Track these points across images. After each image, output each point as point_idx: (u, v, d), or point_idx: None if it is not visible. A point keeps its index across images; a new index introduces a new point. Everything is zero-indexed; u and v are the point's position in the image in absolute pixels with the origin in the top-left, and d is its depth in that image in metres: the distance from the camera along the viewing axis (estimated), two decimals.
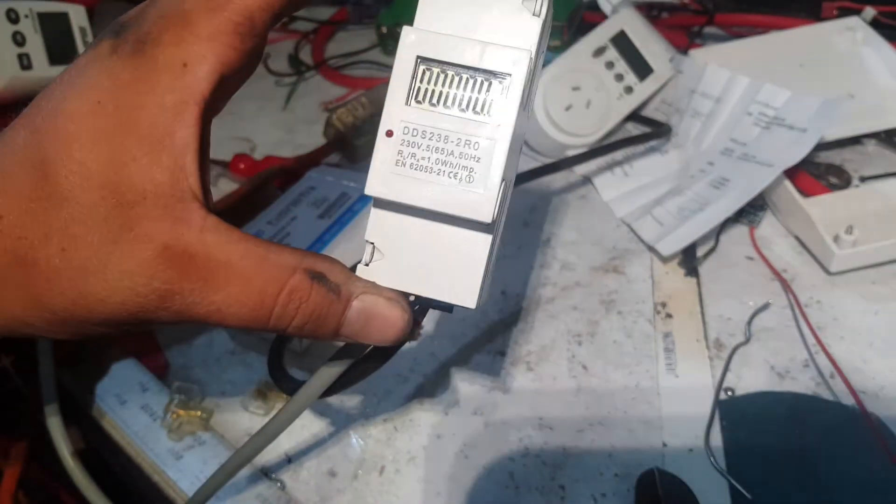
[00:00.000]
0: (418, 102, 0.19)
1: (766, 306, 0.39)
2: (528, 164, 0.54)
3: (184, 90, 0.18)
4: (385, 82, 0.19)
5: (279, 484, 0.32)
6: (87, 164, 0.17)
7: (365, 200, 0.41)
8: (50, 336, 0.20)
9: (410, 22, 0.20)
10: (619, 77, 0.52)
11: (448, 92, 0.19)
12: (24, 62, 0.53)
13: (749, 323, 0.38)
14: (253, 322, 0.19)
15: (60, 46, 0.56)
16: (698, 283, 0.41)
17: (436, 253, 0.20)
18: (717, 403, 0.34)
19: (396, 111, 0.19)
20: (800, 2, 0.61)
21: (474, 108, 0.19)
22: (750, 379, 0.35)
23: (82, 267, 0.17)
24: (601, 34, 0.52)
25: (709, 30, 0.64)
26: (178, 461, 0.32)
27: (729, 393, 0.35)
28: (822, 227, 0.41)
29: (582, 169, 0.51)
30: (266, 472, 0.32)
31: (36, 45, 0.54)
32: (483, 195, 0.18)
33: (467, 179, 0.18)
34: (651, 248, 0.44)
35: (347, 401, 0.36)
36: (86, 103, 0.18)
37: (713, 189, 0.45)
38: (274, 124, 0.63)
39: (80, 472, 0.33)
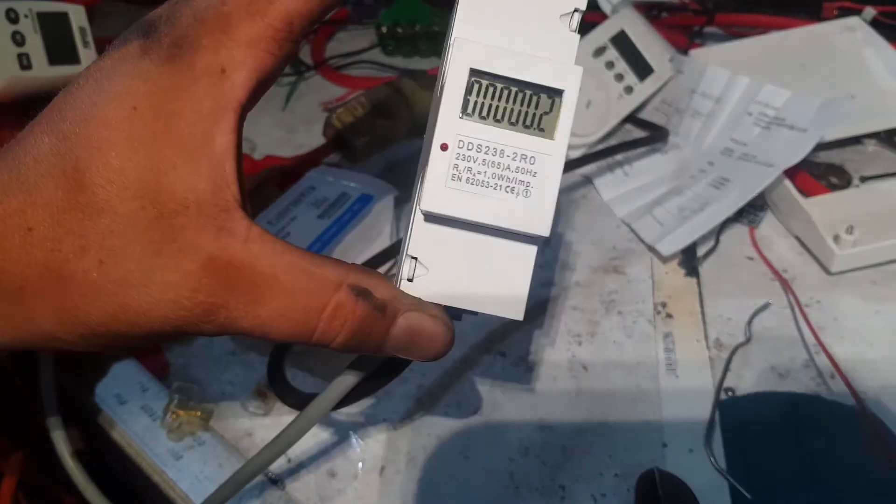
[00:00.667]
0: (468, 115, 0.18)
1: (766, 306, 0.39)
2: None
3: (221, 97, 0.18)
4: (385, 82, 0.19)
5: (279, 484, 0.32)
6: (124, 173, 0.17)
7: (365, 201, 0.41)
8: (81, 349, 0.19)
9: (410, 22, 0.20)
10: (619, 77, 0.52)
11: (497, 105, 0.19)
12: (24, 62, 0.52)
13: (749, 323, 0.38)
14: (297, 337, 0.18)
15: (60, 46, 0.56)
16: (698, 284, 0.41)
17: (482, 266, 0.20)
18: (718, 403, 0.34)
19: (451, 124, 0.18)
20: (800, 2, 0.61)
21: (524, 122, 0.19)
22: (750, 379, 0.35)
23: (123, 280, 0.17)
24: (601, 34, 0.52)
25: (709, 30, 0.64)
26: (177, 461, 0.32)
27: (729, 393, 0.35)
28: (823, 227, 0.41)
29: (582, 169, 0.51)
30: (266, 472, 0.32)
31: (35, 45, 0.54)
32: (542, 209, 0.19)
33: (524, 194, 0.19)
34: (651, 249, 0.44)
35: None
36: (121, 109, 0.17)
37: (713, 189, 0.45)
38: (274, 124, 0.63)
39: (79, 473, 0.33)
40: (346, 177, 0.45)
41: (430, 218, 0.19)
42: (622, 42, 0.53)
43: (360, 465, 0.32)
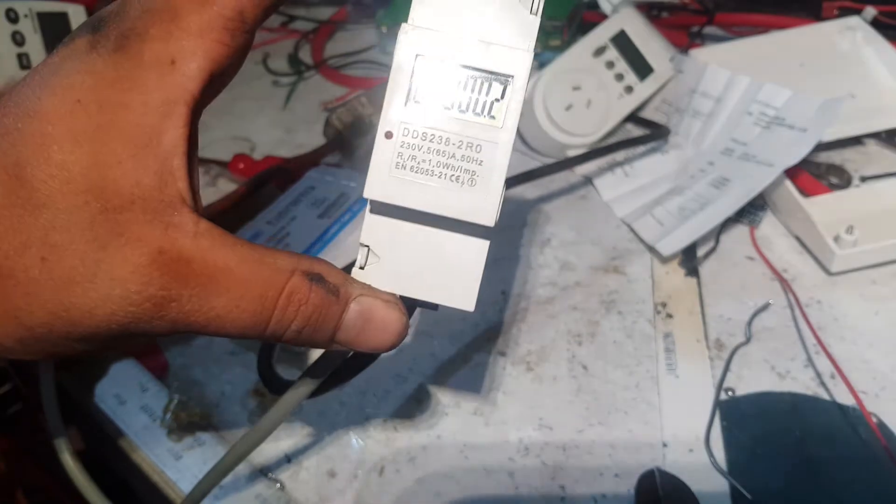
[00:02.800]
0: (416, 103, 0.18)
1: (766, 306, 0.39)
2: (528, 163, 0.54)
3: (172, 89, 0.17)
4: (384, 81, 0.19)
5: (278, 484, 0.32)
6: (67, 168, 0.16)
7: (364, 201, 0.41)
8: (18, 357, 0.18)
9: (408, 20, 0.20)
10: (620, 77, 0.52)
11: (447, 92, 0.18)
12: (24, 62, 0.53)
13: (749, 323, 0.38)
14: (252, 328, 0.18)
15: None
16: (698, 283, 0.41)
17: (433, 256, 0.20)
18: (718, 404, 0.34)
19: (395, 112, 0.18)
20: (800, 1, 0.61)
21: (474, 110, 0.18)
22: (750, 379, 0.35)
23: (67, 277, 0.16)
24: (601, 34, 0.52)
25: (709, 29, 0.64)
26: (177, 461, 0.32)
27: (729, 393, 0.35)
28: (823, 227, 0.41)
29: (582, 169, 0.51)
30: (265, 472, 0.32)
31: (35, 45, 0.54)
32: (486, 199, 0.18)
33: (469, 182, 0.18)
34: (651, 248, 0.44)
35: (347, 401, 0.36)
36: (64, 103, 0.16)
37: (713, 189, 0.45)
38: (273, 124, 0.63)
39: (80, 473, 0.33)
40: (347, 177, 0.45)
41: (376, 206, 0.19)
42: (622, 42, 0.53)
43: (360, 465, 0.32)
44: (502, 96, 0.18)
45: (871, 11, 0.56)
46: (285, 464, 0.33)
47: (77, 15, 0.58)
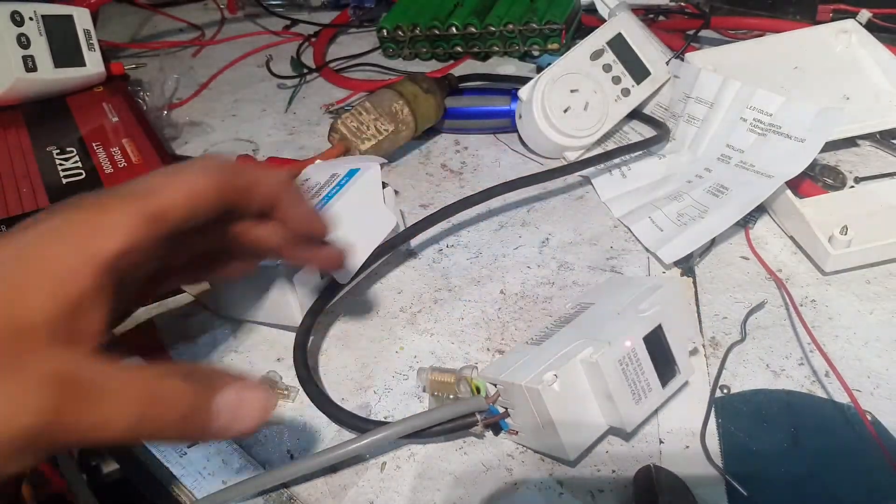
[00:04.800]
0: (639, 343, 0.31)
1: (761, 305, 0.40)
2: (526, 165, 0.55)
3: (94, 248, 0.20)
4: (385, 84, 0.20)
5: None
6: None
7: (352, 174, 0.41)
8: None
9: (411, 24, 0.21)
10: (617, 80, 0.53)
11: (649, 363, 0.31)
12: (29, 64, 0.53)
13: (744, 322, 0.39)
14: (137, 427, 0.20)
15: (65, 49, 0.56)
16: (694, 283, 0.42)
17: (581, 408, 0.30)
18: (713, 401, 0.34)
19: (635, 341, 0.30)
20: (795, 5, 0.62)
21: (658, 369, 0.31)
22: (745, 377, 0.36)
23: None
24: (598, 37, 0.53)
25: (705, 33, 0.64)
26: (181, 458, 0.33)
27: (724, 391, 0.35)
28: (817, 228, 0.41)
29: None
30: (268, 469, 0.33)
31: (41, 48, 0.54)
32: (636, 415, 0.30)
33: (636, 400, 0.30)
34: (650, 252, 0.44)
35: (349, 397, 0.36)
36: None
37: (712, 196, 0.46)
38: (276, 126, 0.63)
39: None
40: (338, 162, 0.45)
41: (587, 368, 0.30)
42: (619, 45, 0.53)
43: (361, 461, 0.33)
44: (674, 375, 0.32)
45: (865, 14, 0.57)
46: (288, 460, 0.33)
47: (82, 17, 0.58)
